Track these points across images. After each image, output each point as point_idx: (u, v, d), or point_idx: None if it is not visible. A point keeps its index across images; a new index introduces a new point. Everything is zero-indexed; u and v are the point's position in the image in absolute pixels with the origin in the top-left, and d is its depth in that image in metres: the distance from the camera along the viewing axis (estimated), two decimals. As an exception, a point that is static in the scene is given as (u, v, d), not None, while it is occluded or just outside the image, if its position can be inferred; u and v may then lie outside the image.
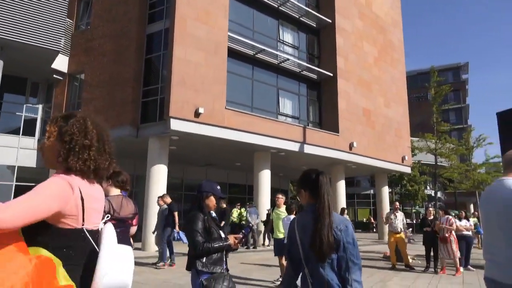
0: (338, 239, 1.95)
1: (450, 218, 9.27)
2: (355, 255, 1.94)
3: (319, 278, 1.95)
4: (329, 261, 1.94)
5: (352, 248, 1.94)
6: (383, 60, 22.08)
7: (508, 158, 2.45)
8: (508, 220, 2.22)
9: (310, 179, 2.16)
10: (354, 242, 1.96)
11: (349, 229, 1.98)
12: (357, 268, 1.93)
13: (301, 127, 16.63)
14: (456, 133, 40.27)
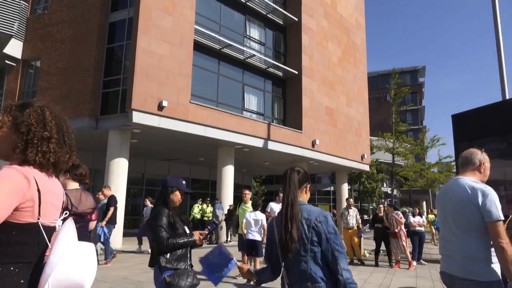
0: (319, 231, 1.95)
1: (399, 213, 9.69)
2: (339, 244, 1.95)
3: (301, 273, 1.94)
4: (312, 254, 1.94)
5: (335, 238, 1.94)
6: (347, 60, 22.63)
7: (464, 158, 2.59)
8: (464, 217, 2.34)
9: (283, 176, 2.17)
10: (336, 232, 1.97)
11: (329, 220, 1.99)
12: (343, 257, 1.94)
13: (265, 124, 16.72)
14: (412, 134, 42.09)
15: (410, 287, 6.95)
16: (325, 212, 2.03)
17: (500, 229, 2.19)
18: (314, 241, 1.94)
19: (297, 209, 1.99)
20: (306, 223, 1.97)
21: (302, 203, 2.08)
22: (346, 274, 1.88)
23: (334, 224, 2.00)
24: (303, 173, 2.17)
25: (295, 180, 2.09)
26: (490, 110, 4.66)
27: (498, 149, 4.61)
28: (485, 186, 2.33)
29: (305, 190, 2.17)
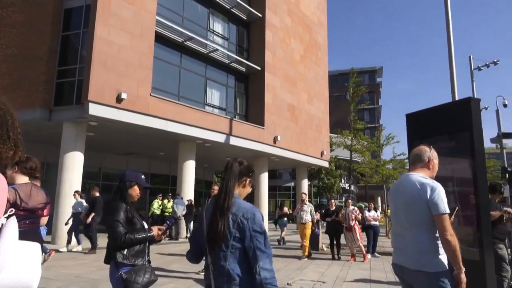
0: (243, 228, 1.90)
1: (356, 209, 10.06)
2: (263, 244, 1.89)
3: (220, 268, 1.92)
4: (233, 250, 1.90)
5: (259, 237, 1.89)
6: (309, 58, 23.01)
7: (414, 155, 2.73)
8: (414, 212, 2.46)
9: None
10: (262, 230, 1.92)
11: (257, 217, 1.93)
12: (266, 257, 1.87)
13: (227, 119, 16.66)
14: (369, 132, 43.63)
15: (365, 279, 7.23)
16: (255, 209, 1.97)
17: (445, 222, 2.33)
18: (237, 238, 1.90)
19: (230, 203, 1.94)
20: (232, 218, 1.92)
21: (235, 196, 2.02)
22: (264, 274, 1.83)
23: (262, 222, 1.95)
24: (246, 166, 2.12)
25: (235, 171, 2.04)
26: (440, 110, 4.92)
27: (447, 147, 4.88)
28: (433, 181, 2.47)
29: (244, 183, 2.11)
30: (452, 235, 2.32)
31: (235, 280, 1.87)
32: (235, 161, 2.10)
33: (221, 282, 1.91)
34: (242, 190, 2.11)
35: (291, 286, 6.42)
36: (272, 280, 1.85)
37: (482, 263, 4.36)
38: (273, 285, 1.85)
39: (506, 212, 5.51)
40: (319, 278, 7.13)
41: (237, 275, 1.87)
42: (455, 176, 4.81)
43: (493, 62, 20.91)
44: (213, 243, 1.92)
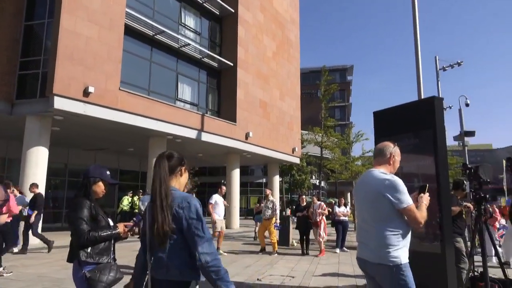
0: (179, 217, 1.93)
1: (322, 204, 10.23)
2: (201, 229, 1.92)
3: (158, 260, 1.94)
4: (171, 241, 1.93)
5: (196, 223, 1.92)
6: (281, 55, 23.13)
7: (378, 150, 2.81)
8: (375, 207, 2.54)
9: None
10: (199, 217, 1.94)
11: (192, 205, 1.96)
12: (205, 241, 1.90)
13: (199, 115, 16.51)
14: (340, 129, 44.43)
15: (333, 273, 7.38)
16: (189, 197, 2.00)
17: (412, 213, 2.45)
18: (174, 228, 1.93)
19: (167, 201, 1.95)
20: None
21: (172, 188, 2.05)
22: (205, 258, 1.86)
23: (199, 209, 1.97)
24: (175, 158, 2.15)
25: (165, 167, 2.06)
26: (405, 109, 5.08)
27: (412, 145, 5.04)
28: (392, 176, 2.55)
29: (180, 173, 2.15)
30: (423, 218, 2.46)
31: (174, 270, 1.91)
32: (162, 157, 2.11)
33: (159, 273, 1.93)
34: (180, 180, 2.15)
35: (260, 281, 6.47)
36: (215, 262, 1.87)
37: (443, 256, 4.55)
38: (216, 266, 1.87)
39: (466, 207, 5.77)
40: (288, 273, 7.22)
41: (176, 265, 1.91)
42: (420, 172, 4.98)
43: (457, 63, 21.75)
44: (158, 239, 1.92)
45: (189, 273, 1.92)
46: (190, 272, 1.92)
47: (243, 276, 6.91)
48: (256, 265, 8.18)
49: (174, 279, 1.91)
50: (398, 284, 2.42)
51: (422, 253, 4.64)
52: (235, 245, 11.69)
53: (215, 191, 10.24)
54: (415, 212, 2.44)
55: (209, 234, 1.97)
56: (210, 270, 1.85)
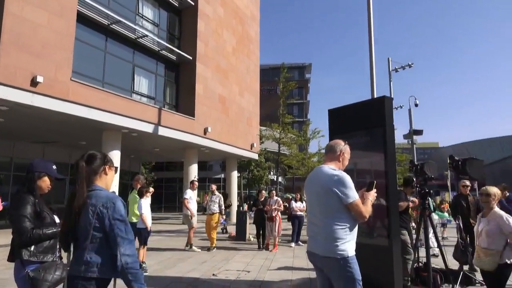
0: (103, 217, 1.96)
1: (279, 200, 10.39)
2: (124, 230, 1.96)
3: (78, 258, 1.96)
4: (94, 240, 1.95)
5: (120, 224, 1.96)
6: (240, 50, 23.09)
7: (329, 146, 2.91)
8: (324, 202, 2.63)
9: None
10: (123, 217, 1.99)
11: (117, 206, 1.99)
12: (127, 243, 1.95)
13: (156, 108, 16.12)
14: (297, 125, 45.22)
15: (288, 267, 7.54)
16: (115, 198, 2.03)
17: (358, 208, 2.56)
18: (97, 227, 1.96)
19: (81, 201, 1.97)
20: (91, 209, 1.97)
21: (97, 188, 2.08)
22: (126, 259, 1.91)
23: (123, 210, 2.02)
24: (98, 158, 2.17)
25: (82, 169, 2.08)
26: (358, 107, 5.26)
27: (365, 142, 5.25)
28: (341, 172, 2.65)
29: (104, 173, 2.17)
30: (368, 212, 2.57)
31: (93, 267, 1.93)
32: (82, 159, 2.13)
33: (76, 270, 1.94)
34: (105, 179, 2.17)
35: (216, 276, 6.47)
36: (134, 265, 1.93)
37: (390, 248, 4.79)
38: (135, 269, 1.93)
39: (412, 202, 6.10)
40: (244, 268, 7.28)
41: (97, 264, 1.93)
42: (373, 169, 5.18)
43: (408, 65, 22.84)
44: (74, 240, 1.97)
45: (109, 271, 1.95)
46: (109, 270, 1.95)
47: (198, 271, 6.87)
48: (212, 260, 8.17)
49: (93, 276, 1.93)
50: (345, 276, 2.52)
51: (370, 246, 4.85)
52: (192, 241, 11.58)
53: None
54: (361, 207, 2.56)
55: (132, 236, 2.01)
56: (128, 272, 1.90)
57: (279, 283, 6.07)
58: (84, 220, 1.95)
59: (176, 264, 7.69)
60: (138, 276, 1.92)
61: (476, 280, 5.67)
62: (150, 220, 7.07)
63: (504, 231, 3.61)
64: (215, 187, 10.72)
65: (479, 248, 3.78)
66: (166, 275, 6.59)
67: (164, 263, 7.82)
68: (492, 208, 3.81)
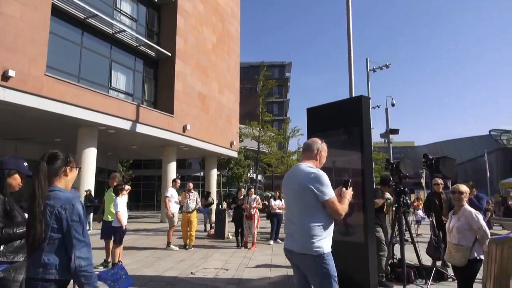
0: (60, 218, 1.95)
1: (257, 198, 10.41)
2: (81, 233, 1.96)
3: (36, 259, 1.95)
4: (51, 241, 1.95)
5: (77, 226, 1.96)
6: (221, 48, 22.98)
7: (306, 145, 2.94)
8: (301, 199, 2.66)
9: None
10: (81, 220, 1.98)
11: (75, 207, 1.98)
12: (83, 245, 1.95)
13: (134, 105, 15.87)
14: (277, 124, 45.41)
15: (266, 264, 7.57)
16: (74, 200, 2.02)
17: (334, 205, 2.60)
18: (55, 228, 1.95)
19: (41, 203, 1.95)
20: (49, 210, 1.97)
21: (57, 188, 2.06)
22: (80, 262, 1.91)
23: (81, 212, 2.01)
24: (59, 158, 2.14)
25: (43, 170, 2.04)
26: (336, 106, 5.33)
27: (343, 140, 5.32)
28: (317, 170, 2.69)
29: (66, 173, 2.15)
30: (343, 210, 2.63)
31: (51, 269, 1.93)
32: (43, 159, 2.09)
33: (35, 272, 1.93)
34: (66, 180, 2.15)
35: (194, 275, 6.44)
36: (88, 268, 1.93)
37: (366, 245, 4.88)
38: (88, 272, 1.93)
39: (388, 199, 6.23)
40: (222, 266, 7.26)
41: (54, 265, 1.93)
42: (351, 167, 5.26)
43: (385, 65, 23.26)
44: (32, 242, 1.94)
45: (67, 273, 1.94)
46: (68, 271, 1.94)
47: (176, 270, 6.82)
48: (191, 259, 8.12)
49: (51, 278, 1.92)
50: (321, 272, 2.56)
51: (346, 243, 4.94)
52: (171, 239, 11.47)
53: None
54: (337, 205, 2.60)
55: (89, 238, 2.01)
56: (81, 275, 1.90)
57: (257, 280, 6.10)
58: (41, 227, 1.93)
59: (154, 263, 7.60)
60: (92, 279, 1.93)
61: (448, 275, 5.84)
62: (126, 218, 6.96)
63: (473, 227, 3.73)
64: (191, 185, 10.64)
65: (450, 244, 3.90)
66: (143, 274, 6.50)
67: (141, 262, 7.72)
68: (462, 205, 3.94)
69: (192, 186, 10.61)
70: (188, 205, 10.05)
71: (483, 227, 3.73)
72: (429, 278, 5.58)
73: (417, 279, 5.80)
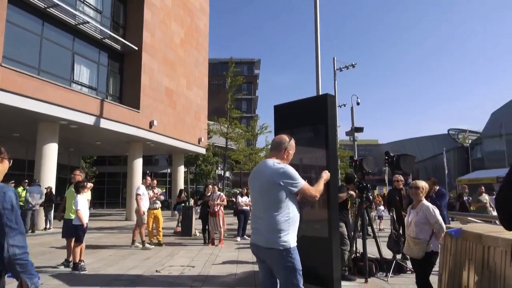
0: None
1: (222, 195, 10.38)
2: (14, 221, 1.93)
3: None
4: None
5: (9, 214, 1.93)
6: (189, 43, 22.70)
7: (274, 142, 2.98)
8: (269, 195, 2.69)
9: None
10: (13, 208, 1.96)
11: (7, 195, 1.96)
12: (17, 233, 1.92)
13: (98, 100, 15.38)
14: (245, 121, 45.47)
15: (233, 261, 7.59)
16: (6, 188, 2.01)
17: (308, 191, 2.71)
18: None
19: None
20: None
21: None
22: (14, 250, 1.89)
23: (14, 199, 2.00)
24: None
25: None
26: (302, 104, 5.41)
27: (309, 138, 5.41)
28: (285, 165, 2.74)
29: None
30: (318, 192, 2.78)
31: None
32: None
33: None
34: None
35: (159, 272, 6.36)
36: (22, 256, 1.91)
37: (330, 240, 5.00)
38: (24, 260, 1.91)
39: (351, 195, 6.40)
40: (188, 263, 7.21)
41: None
42: (318, 164, 5.35)
43: (351, 65, 23.82)
44: None
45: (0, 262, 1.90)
46: (1, 261, 1.90)
47: (141, 268, 6.70)
48: (156, 256, 8.00)
49: None
50: (286, 266, 2.61)
51: (311, 238, 5.04)
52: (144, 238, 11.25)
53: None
54: (310, 189, 2.73)
55: (23, 227, 1.98)
56: (16, 263, 1.88)
57: (224, 277, 6.10)
58: None
59: (118, 261, 7.43)
60: (28, 267, 1.90)
61: (407, 268, 6.10)
62: (87, 217, 6.75)
63: (430, 221, 3.92)
64: (155, 182, 10.49)
65: (409, 238, 4.07)
66: (106, 273, 6.35)
67: (104, 260, 7.53)
68: (420, 200, 4.12)
69: (155, 182, 10.46)
70: (155, 202, 9.92)
71: (439, 221, 3.92)
72: (390, 271, 5.81)
73: (378, 272, 6.02)
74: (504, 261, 3.23)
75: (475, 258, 3.81)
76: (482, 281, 3.61)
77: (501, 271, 3.30)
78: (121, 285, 5.52)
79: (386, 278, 5.72)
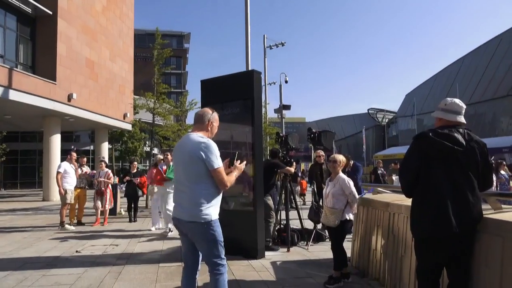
0: None
1: (109, 172, 10.06)
2: None
3: None
4: None
5: None
6: (112, 11, 21.19)
7: (197, 116, 2.96)
8: (191, 168, 2.69)
9: None
10: None
11: None
12: None
13: (6, 68, 13.81)
14: (175, 96, 44.18)
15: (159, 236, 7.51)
16: None
17: (220, 175, 2.69)
18: None
19: None
20: None
21: None
22: None
23: None
24: None
25: None
26: (229, 79, 5.41)
27: (235, 113, 5.44)
28: (208, 140, 2.74)
29: None
30: (229, 182, 2.73)
31: None
32: None
33: None
34: None
35: (80, 253, 6.07)
36: None
37: (255, 213, 5.17)
38: None
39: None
40: (112, 242, 6.98)
41: None
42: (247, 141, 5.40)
43: (281, 43, 24.20)
44: None
45: None
46: None
47: (59, 249, 6.34)
48: (77, 237, 7.61)
49: None
50: (208, 238, 2.66)
51: (237, 212, 5.17)
52: (54, 219, 10.56)
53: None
54: (223, 175, 2.70)
55: None
56: None
57: (149, 254, 6.02)
58: None
59: (33, 244, 6.94)
60: None
61: (326, 236, 6.55)
62: None
63: (345, 192, 4.23)
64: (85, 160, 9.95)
65: (326, 208, 4.36)
66: (20, 256, 5.90)
67: (18, 243, 6.98)
68: (337, 173, 4.41)
69: (86, 160, 9.95)
70: (82, 180, 9.48)
71: (353, 192, 4.25)
72: (310, 240, 6.20)
73: (300, 241, 6.39)
74: (406, 226, 3.62)
75: (382, 224, 4.22)
76: (387, 244, 4.02)
77: (403, 235, 3.70)
78: (36, 268, 5.18)
79: (307, 246, 6.10)
